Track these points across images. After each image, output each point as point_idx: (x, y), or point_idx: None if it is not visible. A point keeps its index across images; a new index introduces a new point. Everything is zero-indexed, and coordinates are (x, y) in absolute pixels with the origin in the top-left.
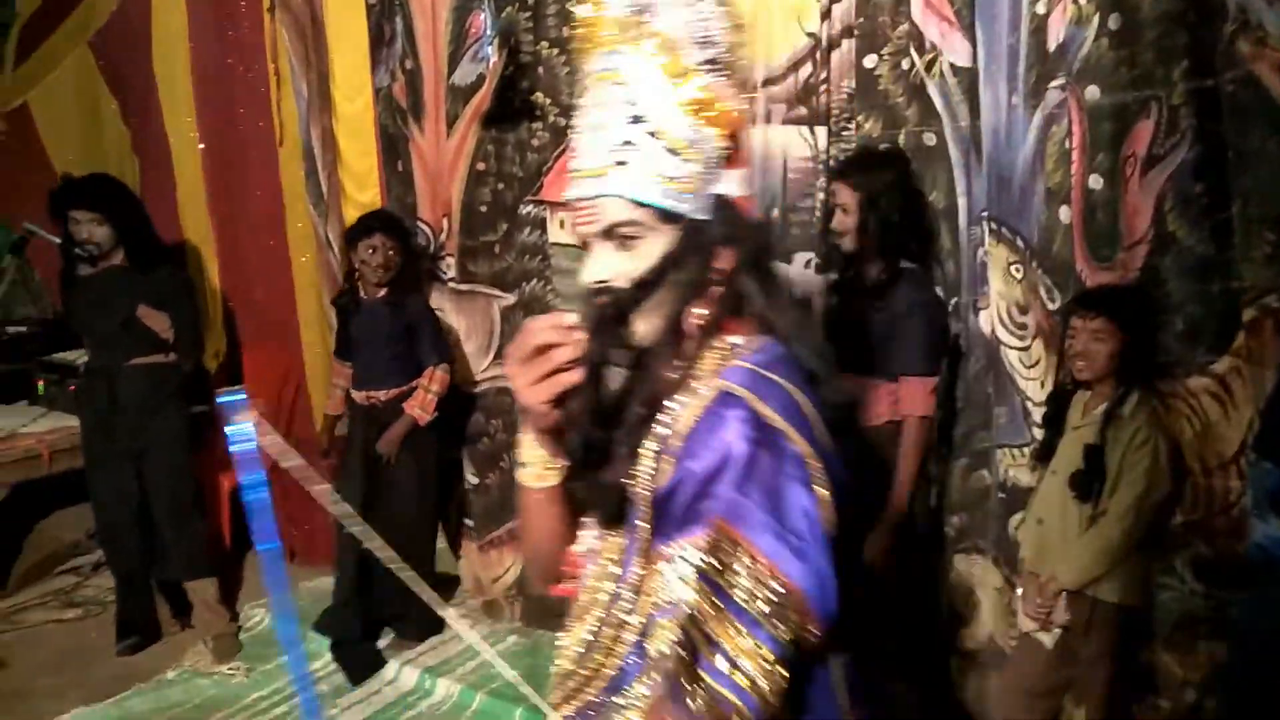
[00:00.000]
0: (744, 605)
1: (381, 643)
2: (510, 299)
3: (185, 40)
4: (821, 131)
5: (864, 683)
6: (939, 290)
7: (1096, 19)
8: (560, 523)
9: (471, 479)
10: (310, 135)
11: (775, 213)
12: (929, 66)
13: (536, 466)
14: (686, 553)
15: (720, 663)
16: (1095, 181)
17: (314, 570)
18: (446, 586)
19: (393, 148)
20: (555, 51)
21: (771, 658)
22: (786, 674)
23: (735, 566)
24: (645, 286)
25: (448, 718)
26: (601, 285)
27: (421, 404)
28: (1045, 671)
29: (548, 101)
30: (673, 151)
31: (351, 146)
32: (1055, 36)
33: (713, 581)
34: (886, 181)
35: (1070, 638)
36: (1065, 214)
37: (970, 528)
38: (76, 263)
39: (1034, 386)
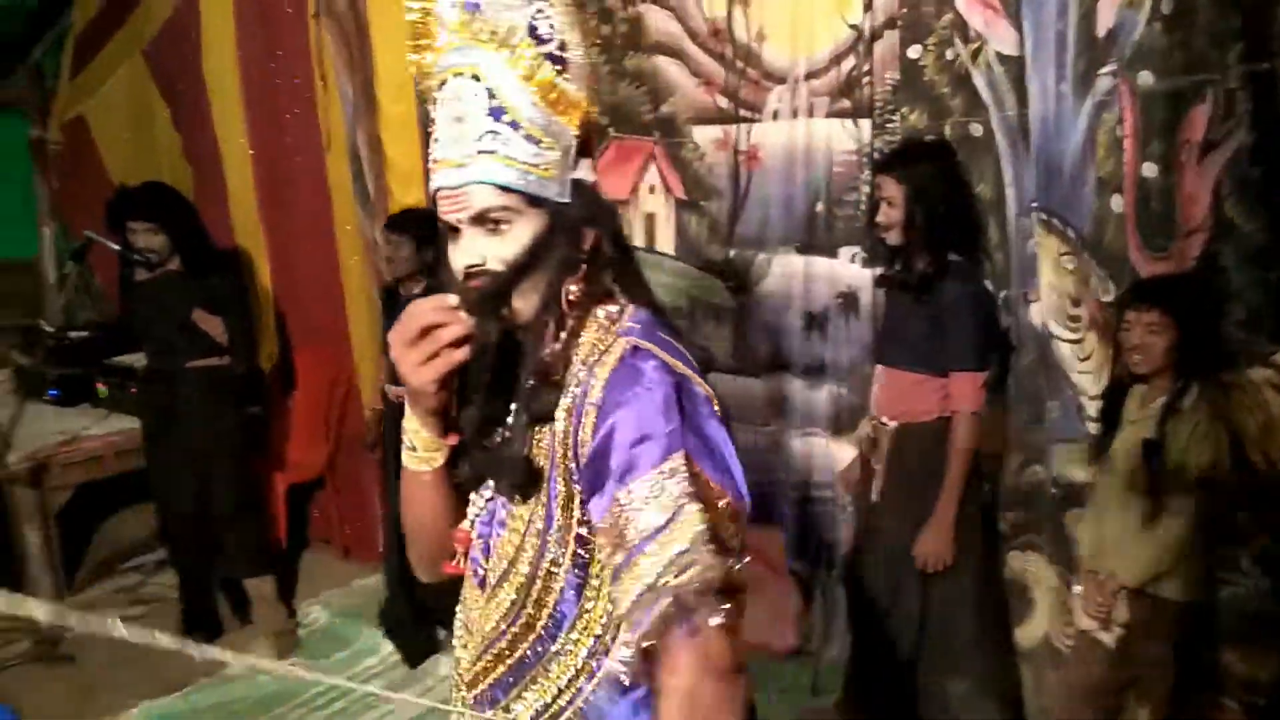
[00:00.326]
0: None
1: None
2: None
3: (234, 47)
4: (865, 124)
5: None
6: (987, 283)
7: (1149, 3)
8: (448, 501)
9: None
10: (356, 138)
11: (819, 207)
12: (974, 56)
13: (422, 449)
14: (652, 484)
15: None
16: (1149, 169)
17: (366, 567)
18: None
19: None
20: (596, 51)
21: (737, 568)
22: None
23: (698, 492)
24: (521, 268)
25: None
26: (475, 269)
27: None
28: (1106, 671)
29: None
30: (533, 140)
31: (397, 148)
32: (1105, 22)
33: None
34: (932, 173)
35: (1131, 636)
36: (1118, 203)
37: (1024, 524)
38: (135, 269)
39: (1088, 380)
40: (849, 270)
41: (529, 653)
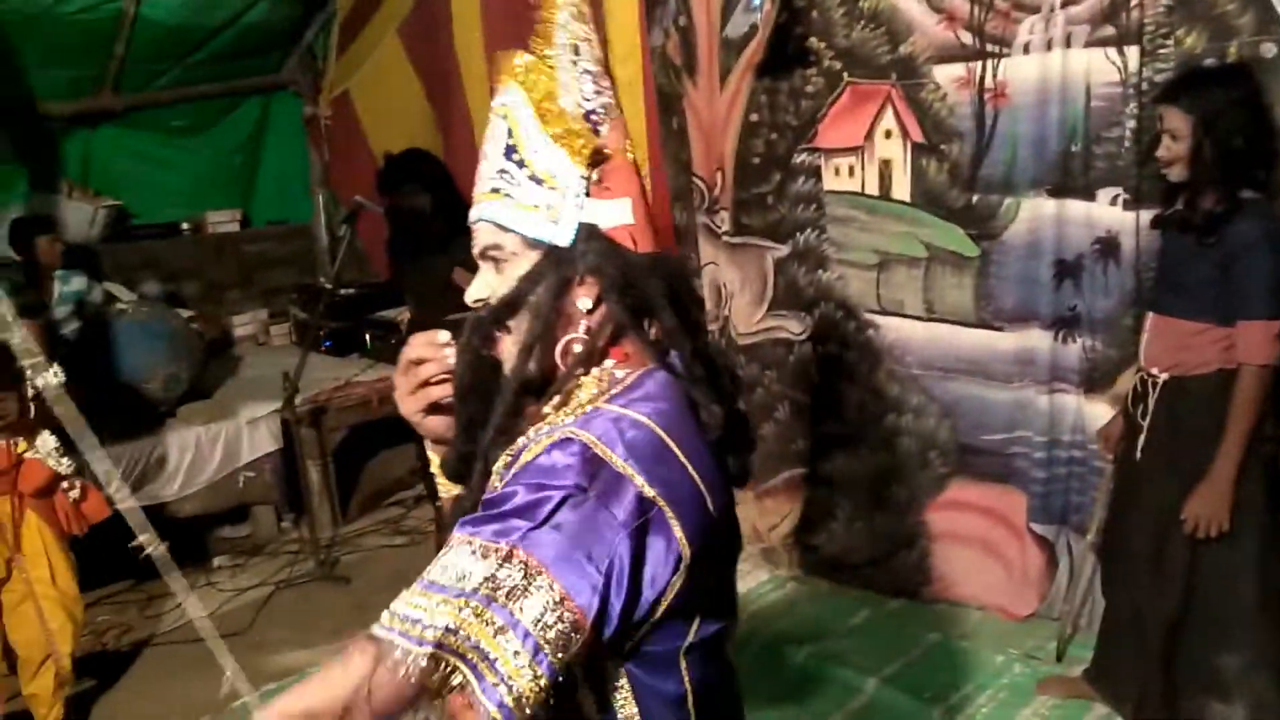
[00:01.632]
0: (529, 629)
1: None
2: (784, 250)
3: (480, 22)
4: (1132, 51)
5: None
6: None
7: None
8: None
9: None
10: None
11: (1075, 145)
12: None
13: (441, 475)
14: (465, 544)
15: (489, 675)
16: None
17: None
18: None
19: (667, 105)
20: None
21: (545, 682)
22: (551, 694)
23: (530, 590)
24: (505, 307)
25: None
26: (479, 304)
27: None
28: None
29: (822, 45)
30: (536, 181)
31: (625, 108)
32: None
33: (496, 597)
34: (1227, 100)
35: None
36: None
37: None
38: (402, 230)
39: None
40: (1109, 213)
41: None
